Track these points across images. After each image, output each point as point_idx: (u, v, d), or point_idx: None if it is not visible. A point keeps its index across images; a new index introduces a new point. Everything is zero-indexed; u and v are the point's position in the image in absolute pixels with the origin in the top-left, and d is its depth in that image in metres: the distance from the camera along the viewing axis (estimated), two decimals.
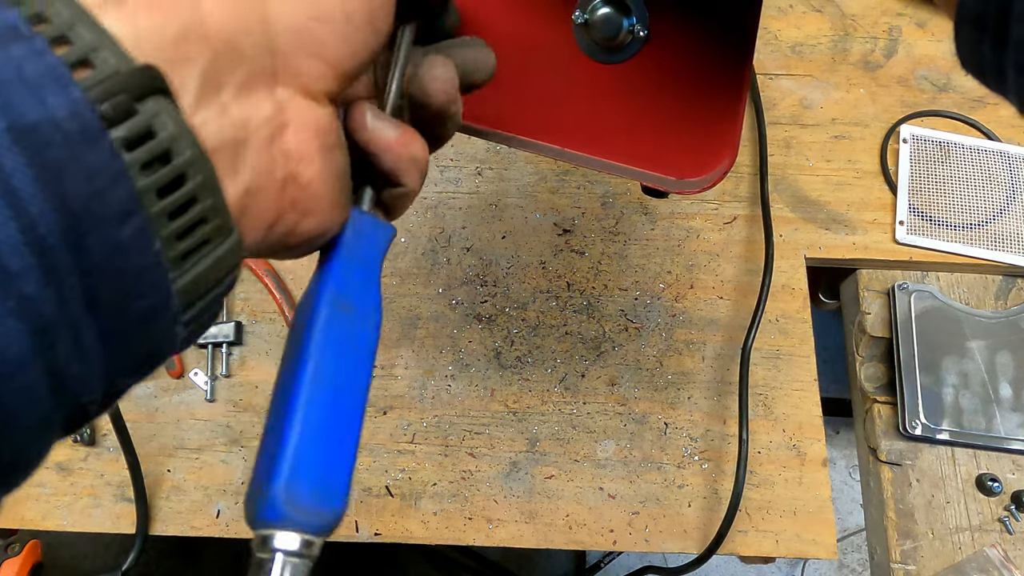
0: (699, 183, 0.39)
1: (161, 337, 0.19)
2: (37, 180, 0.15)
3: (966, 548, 0.56)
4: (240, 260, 0.21)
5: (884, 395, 0.60)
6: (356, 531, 0.56)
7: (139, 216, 0.17)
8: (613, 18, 0.38)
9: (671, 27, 0.38)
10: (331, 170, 0.25)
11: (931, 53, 0.72)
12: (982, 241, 0.64)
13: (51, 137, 0.15)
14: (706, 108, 0.39)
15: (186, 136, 0.18)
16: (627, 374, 0.61)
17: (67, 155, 0.16)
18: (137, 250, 0.17)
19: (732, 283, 0.63)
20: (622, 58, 0.39)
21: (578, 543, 0.56)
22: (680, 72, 0.39)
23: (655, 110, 0.39)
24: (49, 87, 0.16)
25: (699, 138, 0.39)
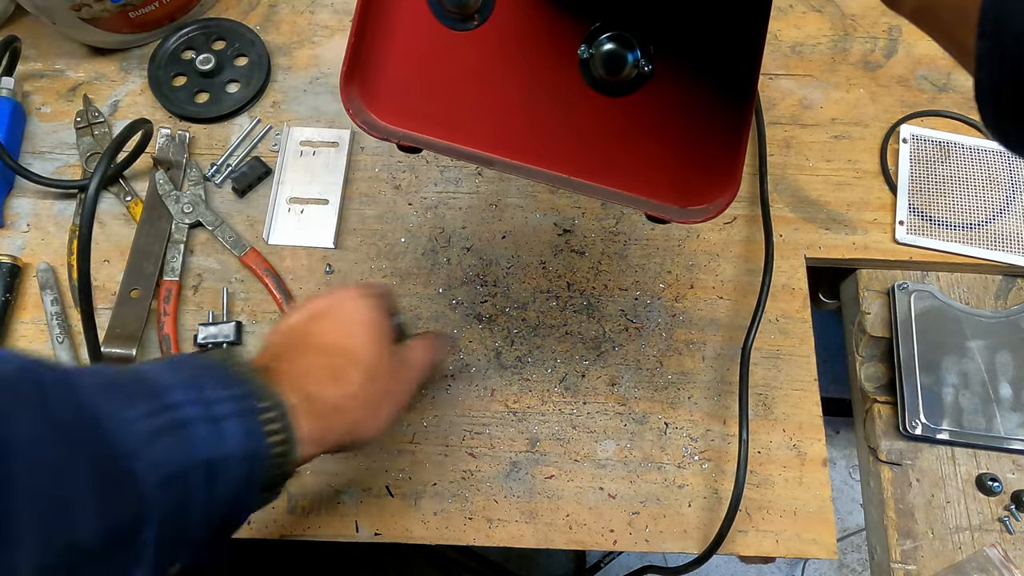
0: (702, 212, 0.39)
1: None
2: (242, 476, 0.37)
3: (966, 548, 0.56)
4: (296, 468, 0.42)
5: (884, 395, 0.60)
6: (356, 531, 0.56)
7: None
8: (618, 54, 0.38)
9: (675, 63, 0.38)
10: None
11: (931, 53, 0.72)
12: (982, 241, 0.64)
13: (253, 457, 0.37)
14: (709, 141, 0.39)
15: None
16: (627, 374, 0.60)
17: (253, 465, 0.37)
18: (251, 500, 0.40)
19: (732, 283, 0.63)
20: (627, 92, 0.39)
21: (578, 543, 0.56)
22: (684, 106, 0.39)
23: (659, 142, 0.40)
24: (256, 436, 0.37)
25: (702, 169, 0.39)
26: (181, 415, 0.34)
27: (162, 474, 0.32)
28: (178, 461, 0.33)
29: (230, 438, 0.35)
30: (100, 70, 0.72)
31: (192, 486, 0.34)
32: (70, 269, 0.63)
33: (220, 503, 0.35)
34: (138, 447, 0.32)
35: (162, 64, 0.71)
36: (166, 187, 0.65)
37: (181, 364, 0.38)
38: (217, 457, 0.34)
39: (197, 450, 0.34)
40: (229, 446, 0.35)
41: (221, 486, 0.35)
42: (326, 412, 0.41)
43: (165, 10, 0.71)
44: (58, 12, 0.65)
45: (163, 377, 0.36)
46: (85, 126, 0.68)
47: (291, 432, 0.38)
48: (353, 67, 0.40)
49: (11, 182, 0.67)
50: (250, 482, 0.37)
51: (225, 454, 0.34)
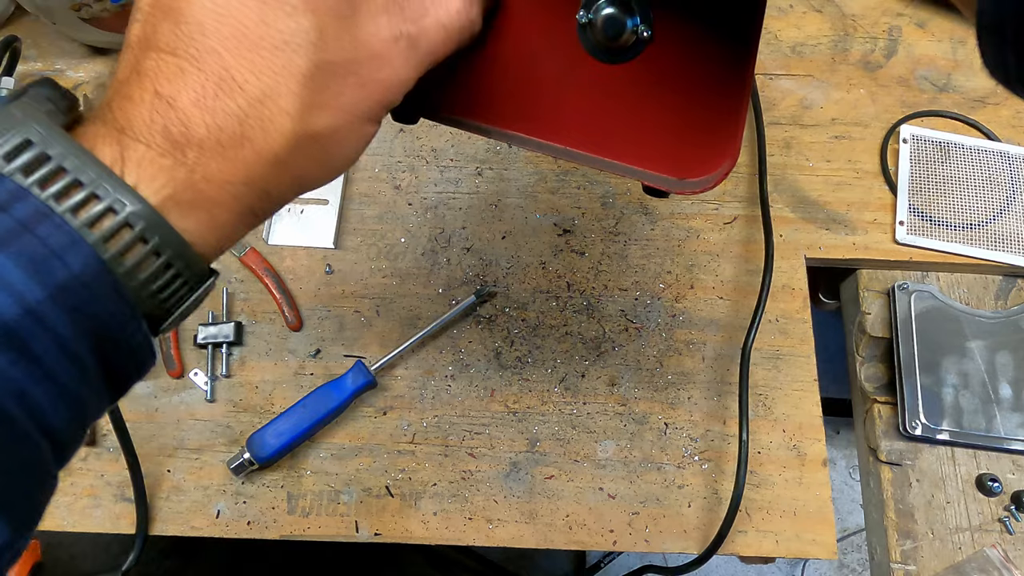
0: (700, 183, 0.39)
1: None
2: (73, 325, 0.22)
3: (966, 548, 0.56)
4: (212, 287, 0.27)
5: (884, 395, 0.60)
6: (356, 531, 0.56)
7: (140, 324, 0.24)
8: (617, 18, 0.38)
9: (674, 28, 0.38)
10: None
11: (931, 53, 0.72)
12: (982, 241, 0.64)
13: (76, 288, 0.22)
14: (708, 109, 0.39)
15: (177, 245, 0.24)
16: (627, 374, 0.60)
17: (88, 297, 0.22)
18: (134, 336, 0.24)
19: (732, 283, 0.63)
20: (625, 58, 0.39)
21: (578, 543, 0.56)
22: (683, 73, 0.39)
23: (657, 110, 0.39)
24: (69, 251, 0.22)
25: (701, 139, 0.39)
26: None
27: None
28: None
29: (14, 278, 0.21)
30: (100, 70, 0.72)
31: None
32: None
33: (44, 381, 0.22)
34: None
35: None
36: None
37: None
38: (5, 322, 0.21)
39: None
40: (22, 292, 0.21)
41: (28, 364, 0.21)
42: (211, 159, 0.24)
43: None
44: (58, 12, 0.65)
45: None
46: None
47: (151, 222, 0.23)
48: None
49: None
50: (100, 328, 0.23)
51: (18, 311, 0.21)
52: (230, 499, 0.57)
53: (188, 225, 0.24)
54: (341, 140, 0.26)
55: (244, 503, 0.57)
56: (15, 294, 0.21)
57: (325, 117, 0.25)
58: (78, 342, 0.22)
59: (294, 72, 0.24)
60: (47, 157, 0.22)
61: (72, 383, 0.22)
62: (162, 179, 0.23)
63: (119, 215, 0.22)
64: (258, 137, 0.24)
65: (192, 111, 0.23)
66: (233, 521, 0.56)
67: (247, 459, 0.55)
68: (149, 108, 0.23)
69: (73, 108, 0.25)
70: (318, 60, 0.24)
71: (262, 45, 0.24)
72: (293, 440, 0.56)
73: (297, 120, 0.24)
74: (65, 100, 0.25)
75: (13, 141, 0.22)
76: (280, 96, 0.24)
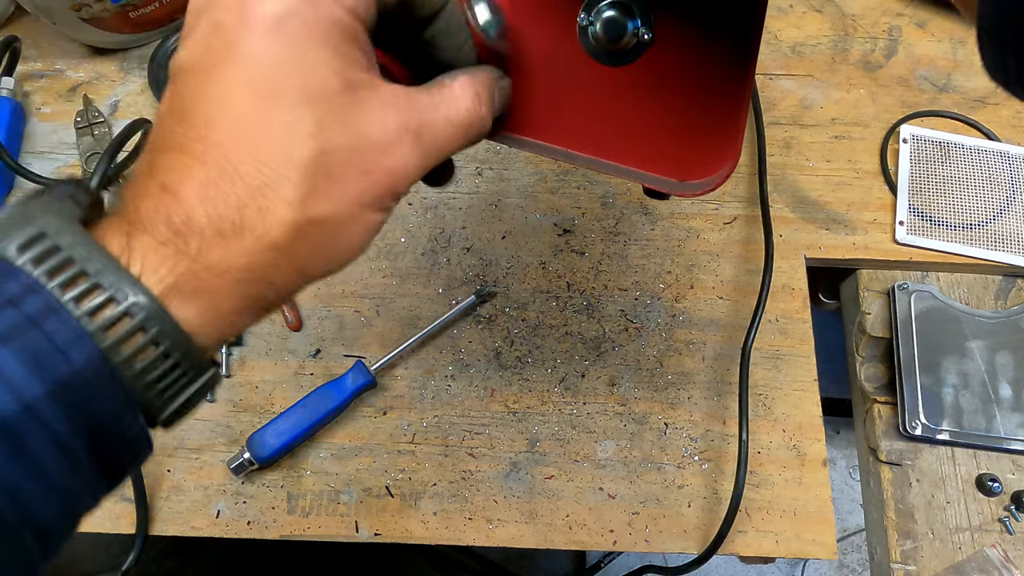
0: (701, 186, 0.39)
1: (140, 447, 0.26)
2: (69, 421, 0.22)
3: (966, 548, 0.56)
4: (217, 382, 0.27)
5: (884, 395, 0.60)
6: (356, 531, 0.56)
7: (136, 416, 0.24)
8: (618, 21, 0.38)
9: (675, 31, 0.38)
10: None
11: (931, 53, 0.72)
12: (982, 241, 0.64)
13: (77, 384, 0.22)
14: (709, 111, 0.39)
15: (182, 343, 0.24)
16: (627, 374, 0.60)
17: (87, 393, 0.22)
18: (130, 429, 0.25)
19: (732, 283, 0.63)
20: (626, 61, 0.39)
21: (578, 543, 0.56)
22: (684, 75, 0.39)
23: (658, 113, 0.39)
24: (73, 346, 0.22)
25: (702, 141, 0.39)
26: None
27: None
28: None
29: (14, 374, 0.21)
30: (100, 70, 0.72)
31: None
32: None
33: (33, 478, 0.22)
34: None
35: (162, 64, 0.71)
36: None
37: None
38: (2, 419, 0.21)
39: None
40: (21, 389, 0.21)
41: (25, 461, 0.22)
42: (211, 246, 0.24)
43: (165, 10, 0.71)
44: (58, 12, 0.65)
45: None
46: (85, 126, 0.68)
47: (151, 311, 0.23)
48: None
49: (11, 182, 0.67)
50: (96, 425, 0.23)
51: (15, 407, 0.21)
52: (230, 499, 0.57)
53: (189, 315, 0.24)
54: (344, 229, 0.26)
55: (244, 503, 0.57)
56: (14, 390, 0.21)
57: (326, 205, 0.25)
58: (74, 437, 0.23)
59: (294, 162, 0.25)
60: (57, 248, 0.23)
61: (65, 478, 0.23)
62: (165, 268, 0.24)
63: (120, 305, 0.23)
64: (258, 225, 0.24)
65: (194, 202, 0.24)
66: (233, 521, 0.56)
67: (247, 459, 0.55)
68: (155, 200, 0.24)
69: (96, 205, 0.26)
70: (319, 149, 0.25)
71: (262, 137, 0.24)
72: (293, 440, 0.56)
73: (296, 208, 0.25)
74: (87, 197, 0.26)
75: (28, 233, 0.23)
76: (279, 185, 0.24)
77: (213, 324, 0.25)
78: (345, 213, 0.26)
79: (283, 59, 0.25)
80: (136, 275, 0.23)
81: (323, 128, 0.25)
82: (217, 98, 0.25)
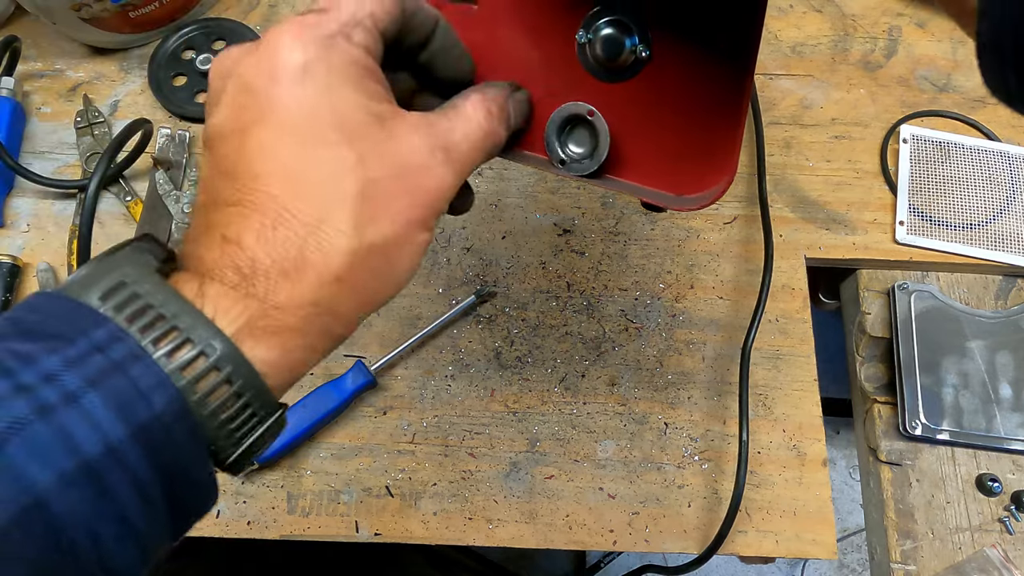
0: (697, 200, 0.39)
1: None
2: (150, 464, 0.23)
3: (966, 548, 0.56)
4: (283, 425, 0.28)
5: (884, 395, 0.60)
6: (356, 531, 0.56)
7: (207, 461, 0.25)
8: (616, 39, 0.38)
9: (672, 48, 0.38)
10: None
11: (931, 53, 0.72)
12: (982, 241, 0.64)
13: (156, 427, 0.23)
14: (706, 127, 0.39)
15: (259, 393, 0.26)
16: (627, 374, 0.60)
17: (165, 436, 0.23)
18: (201, 474, 0.25)
19: (732, 283, 0.63)
20: (624, 77, 0.39)
21: (578, 543, 0.56)
22: (681, 92, 0.39)
23: (655, 128, 0.39)
24: (156, 391, 0.23)
25: (698, 156, 0.39)
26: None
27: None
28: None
29: (100, 416, 0.22)
30: (100, 70, 0.72)
31: (53, 536, 0.21)
32: (70, 269, 0.63)
33: (117, 527, 0.22)
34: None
35: (162, 64, 0.71)
36: (166, 187, 0.65)
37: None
38: (87, 459, 0.21)
39: (28, 474, 0.21)
40: (106, 431, 0.22)
41: (107, 503, 0.22)
42: (278, 286, 0.25)
43: (165, 10, 0.71)
44: (58, 12, 0.65)
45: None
46: (85, 126, 0.68)
47: (225, 351, 0.24)
48: None
49: (11, 182, 0.67)
50: (172, 468, 0.24)
51: (100, 449, 0.22)
52: (230, 499, 0.57)
53: (260, 354, 0.25)
54: (397, 250, 0.28)
55: (244, 503, 0.57)
56: (100, 432, 0.22)
57: (379, 229, 0.27)
58: (152, 480, 0.23)
59: (342, 195, 0.26)
60: (137, 296, 0.24)
61: (141, 522, 0.23)
62: (236, 311, 0.25)
63: (196, 347, 0.24)
64: (319, 259, 0.26)
65: (256, 247, 0.25)
66: (233, 521, 0.56)
67: None
68: (220, 251, 0.26)
69: (170, 259, 0.27)
70: (363, 180, 0.26)
71: (310, 179, 0.26)
72: (293, 440, 0.56)
73: (353, 236, 0.26)
74: (163, 251, 0.27)
75: (109, 282, 0.24)
76: (333, 218, 0.26)
77: (283, 362, 0.26)
78: (397, 235, 0.27)
79: (315, 104, 0.26)
80: (211, 317, 0.25)
81: (364, 160, 0.27)
82: (260, 152, 0.26)
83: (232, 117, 0.27)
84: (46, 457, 0.21)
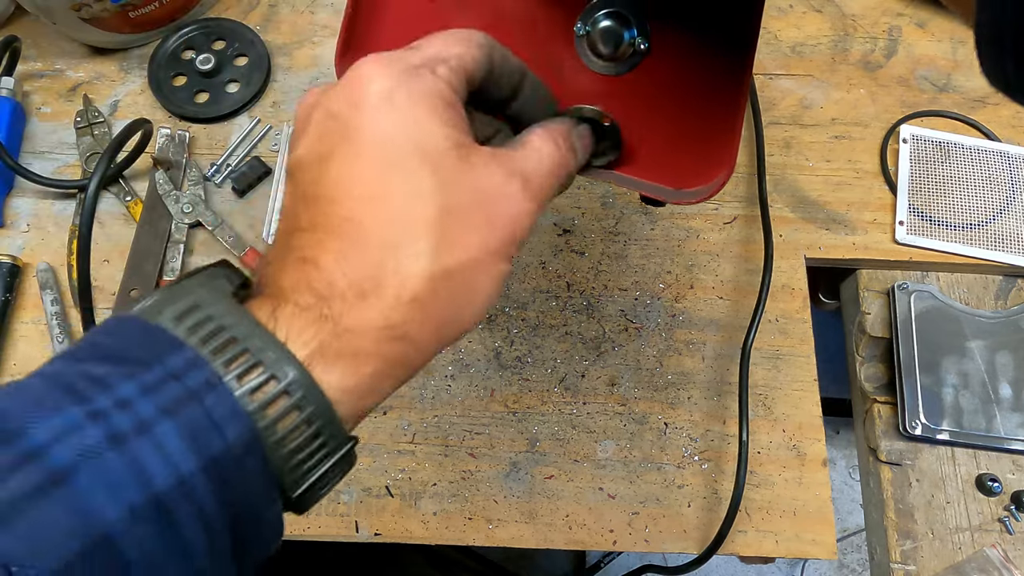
0: (696, 193, 0.39)
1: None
2: (217, 499, 0.22)
3: (966, 548, 0.56)
4: (354, 461, 0.28)
5: (884, 395, 0.60)
6: (356, 531, 0.56)
7: (275, 497, 0.25)
8: (614, 31, 0.38)
9: (672, 40, 0.38)
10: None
11: (931, 53, 0.72)
12: (982, 241, 0.64)
13: (227, 460, 0.22)
14: (705, 119, 0.39)
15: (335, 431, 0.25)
16: (627, 374, 0.61)
17: (236, 470, 0.23)
18: (267, 510, 0.25)
19: (732, 283, 0.63)
20: (623, 70, 0.39)
21: (578, 543, 0.56)
22: (680, 84, 0.39)
23: (654, 121, 0.39)
24: (229, 422, 0.22)
25: (697, 149, 0.39)
26: (55, 457, 0.20)
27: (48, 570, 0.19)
28: (64, 542, 0.20)
29: (173, 448, 0.21)
30: (100, 70, 0.72)
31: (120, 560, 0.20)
32: (70, 269, 0.63)
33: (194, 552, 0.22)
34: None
35: (162, 64, 0.71)
36: (166, 187, 0.65)
37: (69, 359, 0.23)
38: (157, 493, 0.21)
39: (96, 507, 0.20)
40: (178, 463, 0.21)
41: (184, 533, 0.22)
42: (353, 308, 0.25)
43: (165, 10, 0.71)
44: (58, 12, 0.65)
45: (23, 400, 0.22)
46: (85, 126, 0.68)
47: (296, 376, 0.24)
48: (348, 43, 0.39)
49: (11, 182, 0.67)
50: (243, 501, 0.23)
51: (171, 482, 0.21)
52: None
53: (332, 379, 0.25)
54: (475, 278, 0.27)
55: None
56: (172, 464, 0.21)
57: (457, 254, 0.26)
58: (218, 515, 0.23)
59: (422, 219, 0.26)
60: (210, 318, 0.24)
61: (203, 559, 0.23)
62: (309, 333, 0.25)
63: (262, 367, 0.23)
64: (395, 282, 0.25)
65: (333, 268, 0.25)
66: None
67: None
68: (295, 272, 0.26)
69: (246, 285, 0.27)
70: (443, 205, 0.26)
71: (390, 203, 0.26)
72: None
73: (430, 260, 0.26)
74: (238, 277, 0.27)
75: (183, 304, 0.24)
76: (411, 241, 0.26)
77: (355, 390, 0.26)
78: (474, 262, 0.27)
79: (396, 130, 0.26)
80: (283, 340, 0.24)
81: (443, 186, 0.26)
82: (340, 177, 0.26)
83: (315, 145, 0.27)
84: (117, 490, 0.21)
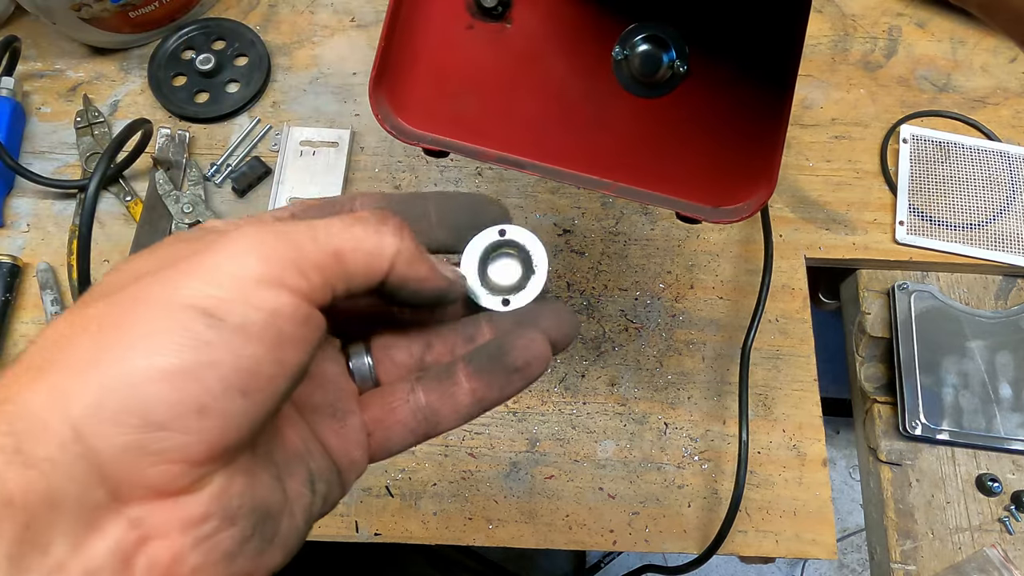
0: (735, 212, 0.39)
1: None
2: None
3: (966, 548, 0.56)
4: None
5: (884, 395, 0.60)
6: (356, 531, 0.56)
7: None
8: (653, 55, 0.38)
9: (711, 62, 0.38)
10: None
11: (931, 53, 0.72)
12: (982, 241, 0.64)
13: None
14: (746, 137, 0.39)
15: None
16: (627, 374, 0.60)
17: None
18: None
19: (732, 283, 0.63)
20: (661, 93, 0.39)
21: (578, 543, 0.56)
22: (720, 105, 0.39)
23: (693, 142, 0.39)
24: None
25: (737, 169, 0.39)
26: None
27: None
28: None
29: None
30: (100, 70, 0.72)
31: None
32: (70, 269, 0.63)
33: None
34: None
35: (162, 64, 0.71)
36: (166, 187, 0.65)
37: None
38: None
39: None
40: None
41: None
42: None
43: (165, 10, 0.71)
44: (58, 12, 0.65)
45: None
46: (85, 126, 0.68)
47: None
48: (383, 71, 0.40)
49: (11, 182, 0.67)
50: None
51: None
52: None
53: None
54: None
55: None
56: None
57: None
58: None
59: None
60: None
61: None
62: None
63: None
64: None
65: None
66: None
67: None
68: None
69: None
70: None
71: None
72: None
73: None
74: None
75: None
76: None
77: None
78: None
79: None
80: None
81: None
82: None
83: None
84: None
